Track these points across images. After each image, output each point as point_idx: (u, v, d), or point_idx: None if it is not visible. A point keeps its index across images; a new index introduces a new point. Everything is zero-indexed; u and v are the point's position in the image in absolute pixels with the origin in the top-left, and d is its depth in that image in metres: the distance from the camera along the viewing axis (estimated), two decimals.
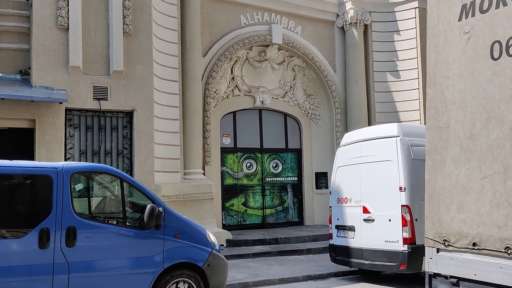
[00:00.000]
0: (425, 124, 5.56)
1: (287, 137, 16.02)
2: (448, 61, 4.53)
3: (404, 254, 7.85)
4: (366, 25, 16.01)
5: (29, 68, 10.14)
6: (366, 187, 9.00)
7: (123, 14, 10.76)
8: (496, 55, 4.09)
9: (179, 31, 12.62)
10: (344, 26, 15.97)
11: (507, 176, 3.88)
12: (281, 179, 15.79)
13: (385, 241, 8.25)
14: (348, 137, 10.15)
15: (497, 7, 4.10)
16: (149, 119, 11.05)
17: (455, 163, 4.34)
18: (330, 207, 9.90)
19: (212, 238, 6.81)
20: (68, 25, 10.19)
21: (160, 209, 6.27)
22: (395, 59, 16.00)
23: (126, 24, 10.81)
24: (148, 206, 6.15)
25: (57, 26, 10.16)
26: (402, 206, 8.21)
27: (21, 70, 10.26)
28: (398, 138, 8.64)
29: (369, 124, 15.61)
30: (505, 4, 4.06)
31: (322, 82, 15.95)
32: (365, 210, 8.92)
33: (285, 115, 15.98)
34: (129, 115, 10.98)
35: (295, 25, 15.42)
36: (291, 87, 15.88)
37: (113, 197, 6.95)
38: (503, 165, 3.93)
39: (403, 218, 8.02)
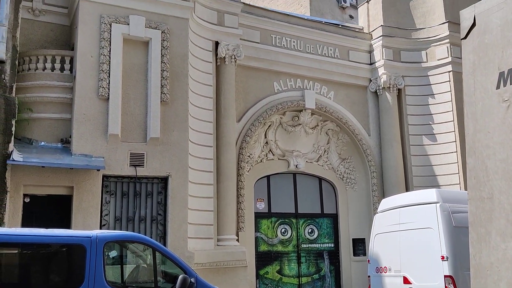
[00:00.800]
0: (465, 189, 5.35)
1: (322, 201, 15.74)
2: (487, 130, 4.38)
3: None
4: (399, 89, 16.03)
5: (70, 137, 10.51)
6: (406, 255, 8.66)
7: (161, 84, 11.17)
8: None
9: (214, 98, 12.95)
10: (377, 91, 16.04)
11: None
12: (317, 246, 15.37)
13: None
14: (385, 203, 9.93)
15: None
16: (184, 185, 11.13)
17: (501, 236, 4.08)
18: (369, 276, 9.52)
19: None
20: (108, 95, 10.62)
21: (192, 279, 6.17)
22: (430, 123, 15.82)
23: (164, 93, 11.18)
24: (180, 277, 6.08)
25: (98, 96, 10.60)
26: (445, 276, 7.82)
27: (62, 138, 10.65)
28: (438, 205, 8.39)
29: (407, 188, 15.23)
30: None
31: (357, 146, 15.84)
32: (406, 280, 8.54)
33: (320, 179, 15.81)
34: (164, 181, 11.10)
35: (327, 90, 15.60)
36: (325, 151, 15.82)
37: (146, 266, 6.91)
38: None
39: None
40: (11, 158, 9.22)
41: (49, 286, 5.99)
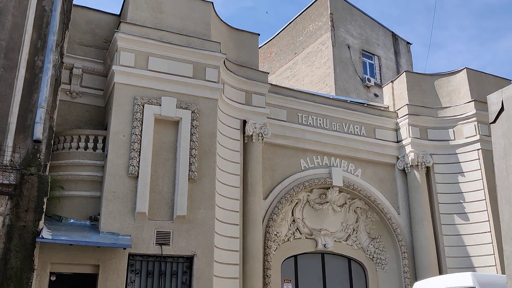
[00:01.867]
0: (502, 272, 5.07)
1: (352, 283, 15.14)
2: None
3: None
4: (428, 167, 15.85)
5: (99, 214, 10.61)
6: None
7: (189, 161, 11.36)
8: None
9: (241, 175, 13.02)
10: (405, 169, 15.89)
11: None
12: None
13: None
14: (418, 287, 9.49)
15: None
16: (209, 264, 10.94)
17: None
18: None
19: None
20: (138, 173, 10.83)
21: None
22: (461, 201, 15.44)
23: (192, 171, 11.33)
24: None
25: (128, 174, 10.81)
26: None
27: (91, 216, 10.76)
28: None
29: (440, 270, 14.58)
30: None
31: (386, 225, 15.45)
32: None
33: (349, 259, 15.32)
34: (189, 260, 10.95)
35: (355, 167, 15.54)
36: (354, 229, 15.46)
37: None
38: None
39: None
40: (40, 236, 9.30)
41: None
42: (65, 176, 10.94)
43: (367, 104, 17.57)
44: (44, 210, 9.64)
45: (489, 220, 14.73)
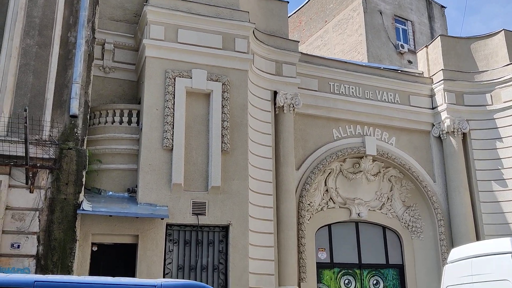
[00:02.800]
0: None
1: (387, 251, 15.12)
2: None
3: None
4: (464, 134, 15.49)
5: (136, 186, 10.88)
6: None
7: (221, 133, 11.45)
8: None
9: (273, 147, 13.06)
10: (441, 135, 15.57)
11: None
12: None
13: None
14: (455, 253, 9.38)
15: None
16: (244, 233, 11.12)
17: None
18: None
19: None
20: (172, 146, 11.00)
21: None
22: (499, 167, 15.07)
23: (224, 142, 11.43)
24: None
25: (163, 147, 11.00)
26: None
27: (129, 188, 11.04)
28: None
29: (477, 237, 14.38)
30: None
31: (422, 193, 15.27)
32: None
33: (384, 228, 15.27)
34: (225, 229, 11.15)
35: (388, 136, 15.32)
36: (388, 198, 15.35)
37: None
38: None
39: None
40: (81, 208, 9.64)
41: None
42: (102, 150, 11.22)
43: (401, 71, 17.19)
44: (84, 183, 9.97)
45: None
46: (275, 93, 13.43)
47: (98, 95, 12.01)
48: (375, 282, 14.66)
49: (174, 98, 11.34)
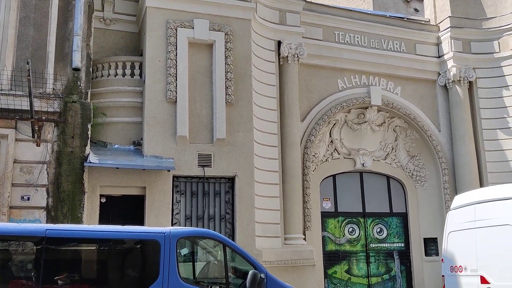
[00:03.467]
0: None
1: (391, 200, 15.33)
2: None
3: None
4: (470, 82, 15.32)
5: (141, 139, 10.94)
6: (483, 254, 8.27)
7: (225, 85, 11.38)
8: None
9: (277, 98, 13.00)
10: (447, 84, 15.42)
11: None
12: (386, 245, 14.99)
13: None
14: (459, 199, 9.53)
15: None
16: (250, 184, 11.26)
17: None
18: (443, 276, 9.18)
19: None
20: (176, 98, 10.97)
21: (262, 275, 6.21)
22: (505, 116, 14.99)
23: (228, 94, 11.38)
24: (251, 272, 6.13)
25: (167, 99, 10.97)
26: None
27: (134, 141, 11.11)
28: None
29: (481, 185, 14.49)
30: None
31: (426, 143, 15.29)
32: (484, 280, 8.16)
33: (388, 177, 15.40)
34: (231, 180, 11.28)
35: (394, 85, 15.19)
36: (393, 148, 15.40)
37: (216, 262, 7.03)
38: None
39: None
40: (88, 161, 9.75)
41: (126, 281, 6.24)
42: (106, 103, 11.21)
43: (407, 19, 16.81)
44: (89, 136, 10.04)
45: None
46: (279, 43, 13.23)
47: (100, 48, 11.87)
48: (378, 230, 14.94)
49: (176, 49, 11.20)
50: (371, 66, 14.86)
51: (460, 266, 8.76)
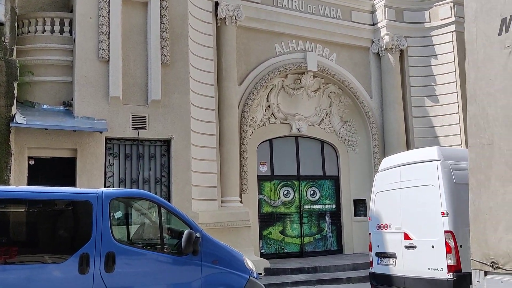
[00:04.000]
0: (466, 147, 5.36)
1: (324, 164, 15.85)
2: (489, 77, 4.41)
3: (450, 282, 7.47)
4: (402, 50, 15.89)
5: (72, 100, 10.51)
6: (407, 212, 8.73)
7: (161, 45, 11.09)
8: None
9: (215, 61, 12.87)
10: (380, 52, 15.90)
11: None
12: (319, 207, 15.57)
13: (429, 269, 7.90)
14: (386, 162, 9.94)
15: None
16: (187, 147, 11.20)
17: (500, 181, 4.17)
18: (370, 233, 9.64)
19: (250, 264, 6.71)
20: (108, 57, 10.57)
21: (198, 234, 6.23)
22: (433, 84, 15.74)
23: (164, 55, 11.11)
24: (186, 232, 6.12)
25: (98, 58, 10.55)
26: (446, 232, 7.87)
27: (64, 101, 10.65)
28: (439, 162, 8.37)
29: (408, 150, 15.26)
30: None
31: (359, 109, 15.82)
32: (406, 237, 8.63)
33: (322, 142, 15.86)
34: (167, 143, 11.16)
35: (329, 52, 15.46)
36: (327, 114, 15.81)
37: (151, 223, 6.98)
38: None
39: (447, 245, 7.67)
40: (14, 121, 9.26)
41: (57, 242, 6.07)
42: (34, 61, 10.61)
43: None
44: (15, 95, 9.50)
45: (458, 102, 15.17)
46: (217, 4, 13.01)
47: (26, 2, 11.15)
48: (312, 192, 15.45)
49: (109, 6, 10.71)
50: (308, 32, 15.00)
51: (385, 224, 9.20)
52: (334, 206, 15.74)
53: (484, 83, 4.42)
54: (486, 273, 4.38)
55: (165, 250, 6.26)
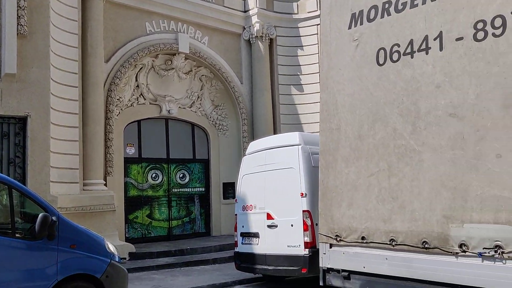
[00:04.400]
0: None
1: (194, 147, 15.91)
2: (339, 67, 4.79)
3: (306, 258, 8.01)
4: (271, 39, 16.47)
5: None
6: (270, 194, 9.14)
7: (17, 14, 10.10)
8: (381, 61, 4.40)
9: (80, 35, 12.10)
10: (250, 39, 16.31)
11: (391, 173, 4.16)
12: (188, 190, 15.62)
13: (288, 246, 8.38)
14: (253, 145, 10.29)
15: (382, 16, 4.42)
16: (45, 126, 10.42)
17: (345, 162, 4.58)
18: (236, 215, 9.94)
19: (111, 248, 6.53)
20: None
21: (54, 218, 5.90)
22: (299, 73, 16.59)
23: (21, 25, 10.15)
24: (40, 215, 5.76)
25: None
26: (303, 211, 8.40)
27: None
28: (300, 147, 8.86)
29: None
30: (389, 14, 4.38)
31: (230, 93, 16.10)
32: (269, 216, 9.04)
33: (193, 125, 15.88)
34: (22, 121, 10.27)
35: (202, 35, 15.46)
36: (198, 97, 15.84)
37: (1, 207, 6.44)
38: (387, 163, 4.20)
39: (304, 223, 8.20)
40: None
41: None
42: None
43: None
44: None
45: (321, 92, 16.16)
46: None
47: None
48: (181, 175, 15.43)
49: None
50: (181, 13, 14.81)
51: (250, 205, 9.55)
52: (203, 189, 15.90)
53: (335, 72, 4.78)
54: (331, 246, 4.79)
55: (16, 235, 5.81)
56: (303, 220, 8.32)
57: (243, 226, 9.49)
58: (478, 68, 3.69)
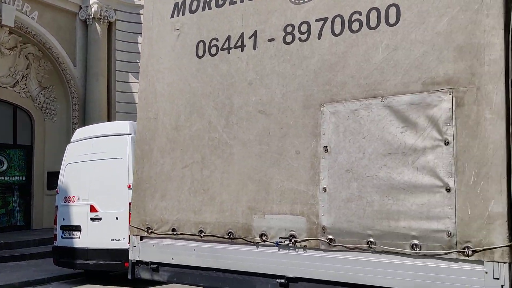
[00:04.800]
0: None
1: (16, 131, 14.46)
2: (160, 55, 4.72)
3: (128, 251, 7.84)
4: (110, 22, 15.73)
5: None
6: (95, 185, 8.76)
7: None
8: (200, 54, 4.44)
9: None
10: (87, 20, 15.36)
11: (204, 165, 4.23)
12: (6, 179, 14.15)
13: (111, 240, 8.14)
14: (79, 133, 9.74)
15: (203, 9, 4.46)
16: None
17: (161, 153, 4.53)
18: (56, 206, 9.31)
19: None
20: None
21: None
22: (137, 61, 16.11)
23: None
24: None
25: None
26: (130, 204, 8.19)
27: None
28: (130, 136, 8.63)
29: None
30: (209, 8, 4.44)
31: (60, 75, 15.00)
32: (93, 209, 8.67)
33: (15, 106, 14.44)
34: None
35: (31, 9, 14.09)
36: (23, 76, 14.44)
37: None
38: (201, 155, 4.26)
39: (130, 216, 8.00)
40: None
41: None
42: None
43: None
44: None
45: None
46: None
47: None
48: None
49: None
50: None
51: (73, 196, 9.04)
52: (24, 178, 14.54)
53: (155, 60, 4.70)
54: (142, 238, 4.71)
55: None
56: (129, 213, 8.10)
57: (63, 219, 8.96)
58: (285, 70, 3.93)
